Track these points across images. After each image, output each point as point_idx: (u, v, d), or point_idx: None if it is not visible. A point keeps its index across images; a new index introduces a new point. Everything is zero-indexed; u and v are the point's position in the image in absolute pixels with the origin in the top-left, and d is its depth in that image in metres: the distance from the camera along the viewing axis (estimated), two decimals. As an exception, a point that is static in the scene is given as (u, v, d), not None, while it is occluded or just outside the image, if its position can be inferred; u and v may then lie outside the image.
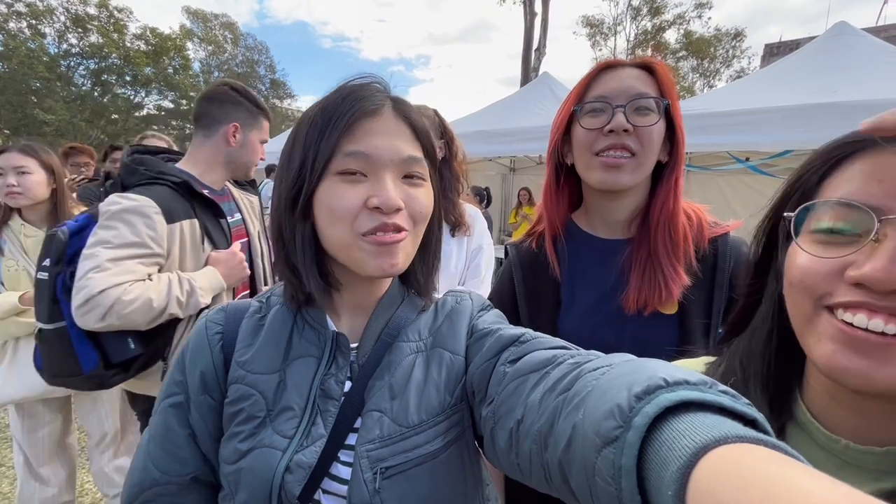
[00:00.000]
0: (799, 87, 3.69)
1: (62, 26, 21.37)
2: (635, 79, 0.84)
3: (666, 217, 0.86)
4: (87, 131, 20.95)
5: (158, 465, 0.60)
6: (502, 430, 0.48)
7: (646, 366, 0.36)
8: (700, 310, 0.86)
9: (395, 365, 0.60)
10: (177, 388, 0.62)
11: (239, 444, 0.56)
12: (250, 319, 0.64)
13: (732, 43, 24.58)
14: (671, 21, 24.24)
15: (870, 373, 0.39)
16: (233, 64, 30.69)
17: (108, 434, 2.03)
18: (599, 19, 25.20)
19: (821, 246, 0.44)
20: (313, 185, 0.54)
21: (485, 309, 0.69)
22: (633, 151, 0.83)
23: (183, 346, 0.64)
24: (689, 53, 24.58)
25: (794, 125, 3.25)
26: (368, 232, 0.53)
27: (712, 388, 0.32)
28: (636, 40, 24.70)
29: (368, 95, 0.54)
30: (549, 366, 0.47)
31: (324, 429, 0.56)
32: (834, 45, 4.06)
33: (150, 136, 3.00)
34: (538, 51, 17.14)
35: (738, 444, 0.25)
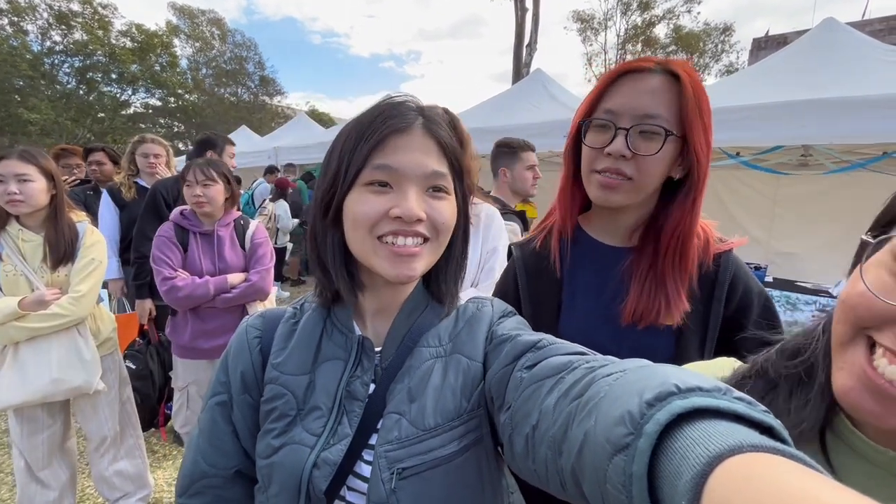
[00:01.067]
0: (789, 83, 3.74)
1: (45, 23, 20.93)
2: (651, 94, 0.79)
3: (678, 239, 0.85)
4: (74, 130, 20.58)
5: (207, 458, 0.66)
6: (519, 436, 0.49)
7: (658, 371, 0.35)
8: (697, 322, 0.86)
9: (415, 369, 0.63)
10: (221, 388, 0.68)
11: (272, 440, 0.61)
12: (285, 324, 0.69)
13: (721, 38, 24.77)
14: (661, 16, 24.36)
15: (883, 416, 0.40)
16: (221, 61, 30.25)
17: (108, 438, 2.03)
18: (590, 14, 25.26)
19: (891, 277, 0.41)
20: (344, 193, 0.59)
21: (506, 316, 0.70)
22: (628, 177, 0.81)
23: (226, 349, 0.70)
24: (678, 48, 24.71)
25: (785, 121, 3.30)
26: (385, 234, 0.57)
27: (726, 394, 0.31)
28: (626, 35, 24.78)
29: (400, 114, 0.58)
30: (564, 371, 0.47)
31: (349, 428, 0.60)
32: (822, 41, 4.11)
33: (150, 142, 2.96)
34: (529, 46, 17.13)
35: (754, 454, 0.25)
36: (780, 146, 3.73)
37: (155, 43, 23.71)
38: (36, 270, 1.76)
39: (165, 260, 1.96)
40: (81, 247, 1.84)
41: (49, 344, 1.76)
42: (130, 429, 2.15)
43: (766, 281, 3.62)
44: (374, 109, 0.60)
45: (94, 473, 2.08)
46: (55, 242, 1.78)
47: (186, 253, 2.01)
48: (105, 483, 2.06)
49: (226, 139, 2.95)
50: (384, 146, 0.57)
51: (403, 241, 0.57)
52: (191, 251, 2.01)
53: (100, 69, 22.71)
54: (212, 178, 1.96)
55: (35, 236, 1.78)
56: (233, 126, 17.63)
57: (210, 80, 29.83)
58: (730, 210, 5.17)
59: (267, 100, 32.22)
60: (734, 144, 3.82)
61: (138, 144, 2.98)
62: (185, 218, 2.04)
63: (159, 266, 1.96)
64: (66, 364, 1.77)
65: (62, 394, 1.80)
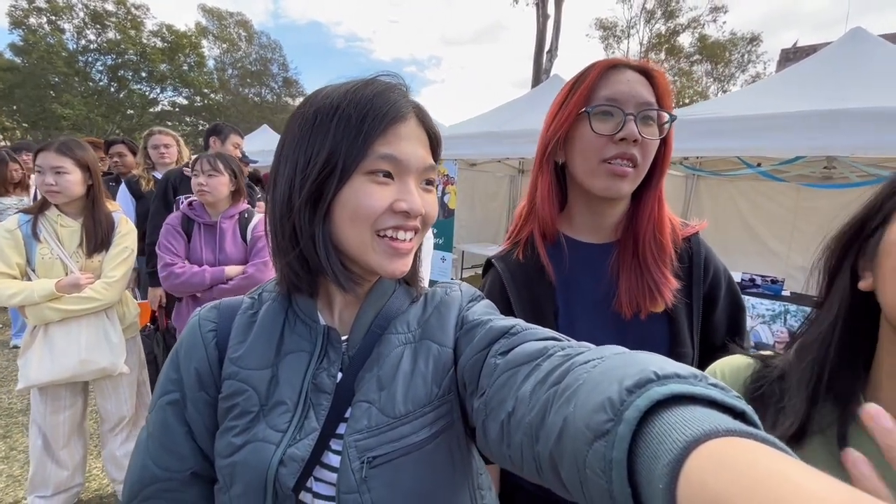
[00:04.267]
0: (812, 92, 3.67)
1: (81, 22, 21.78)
2: (641, 85, 0.83)
3: (653, 223, 0.89)
4: (103, 126, 21.31)
5: (158, 461, 0.61)
6: (493, 422, 0.48)
7: (637, 358, 0.36)
8: (684, 306, 0.90)
9: (384, 357, 0.61)
10: (172, 386, 0.62)
11: (233, 439, 0.58)
12: (242, 316, 0.65)
13: (748, 47, 24.32)
14: (685, 25, 24.06)
15: None
16: (246, 62, 30.98)
17: (126, 418, 2.10)
18: (613, 22, 25.10)
19: None
20: (343, 182, 0.53)
21: (474, 300, 0.69)
22: (636, 163, 0.83)
23: (176, 344, 0.65)
24: (703, 57, 24.37)
25: (807, 131, 3.23)
26: (386, 229, 0.54)
27: (702, 381, 0.32)
28: (650, 43, 24.56)
29: (399, 99, 0.55)
30: (539, 357, 0.47)
31: (316, 422, 0.57)
32: (849, 51, 4.02)
33: (157, 133, 3.09)
34: (550, 53, 17.11)
35: (729, 438, 0.26)
36: (801, 157, 3.66)
37: (184, 43, 24.46)
38: (71, 255, 1.85)
39: (168, 247, 2.05)
40: (116, 235, 1.94)
41: (79, 326, 1.84)
42: (145, 410, 2.22)
43: (782, 295, 3.55)
44: (368, 89, 0.54)
45: (105, 453, 2.14)
46: (93, 230, 1.88)
47: (190, 242, 2.09)
48: (114, 463, 2.13)
49: (231, 129, 2.98)
50: (387, 134, 0.53)
51: (404, 235, 0.56)
52: (193, 241, 2.09)
53: (131, 67, 23.51)
54: (217, 168, 2.03)
55: (73, 222, 1.87)
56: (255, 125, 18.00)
57: (235, 80, 30.59)
58: (748, 222, 5.09)
59: (290, 101, 32.82)
60: (755, 154, 3.77)
61: (148, 138, 3.12)
62: (192, 209, 2.12)
63: (162, 252, 2.05)
64: (94, 346, 1.85)
65: (89, 374, 1.88)
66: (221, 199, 2.08)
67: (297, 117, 0.57)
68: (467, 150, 5.30)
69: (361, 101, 0.53)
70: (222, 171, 2.04)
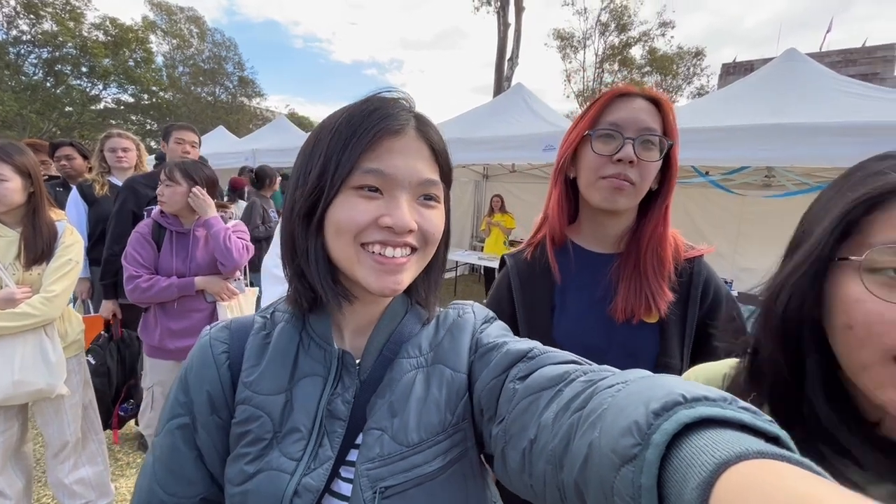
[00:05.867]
0: (754, 107, 3.95)
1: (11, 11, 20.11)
2: (645, 112, 0.91)
3: (656, 240, 0.96)
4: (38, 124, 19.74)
5: (166, 487, 0.59)
6: (514, 451, 0.47)
7: (662, 382, 0.35)
8: (677, 321, 0.95)
9: (396, 382, 0.59)
10: (182, 410, 0.60)
11: (245, 466, 0.56)
12: (255, 337, 0.63)
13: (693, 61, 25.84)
14: (637, 38, 25.25)
15: None
16: (199, 60, 29.62)
17: (70, 443, 1.94)
18: (570, 33, 25.96)
19: (886, 289, 0.43)
20: (331, 196, 0.53)
21: (488, 321, 0.68)
22: (633, 182, 0.90)
23: (185, 365, 0.63)
24: (653, 69, 25.64)
25: (750, 143, 3.48)
26: (372, 243, 0.53)
27: (732, 404, 0.31)
28: (604, 55, 25.57)
29: (394, 113, 0.54)
30: (561, 383, 0.46)
31: (331, 450, 0.56)
32: (785, 69, 4.36)
33: (116, 136, 2.89)
34: (511, 61, 17.48)
35: (760, 460, 0.25)
36: (745, 167, 3.92)
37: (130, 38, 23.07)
38: (7, 267, 1.70)
39: (136, 257, 1.95)
40: (60, 246, 1.79)
41: (14, 344, 1.68)
42: (92, 433, 2.07)
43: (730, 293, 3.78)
44: (365, 105, 0.55)
45: (51, 481, 1.98)
46: (32, 241, 1.72)
47: (160, 251, 1.98)
48: (65, 491, 1.97)
49: (177, 126, 2.70)
50: (376, 148, 0.53)
51: (392, 252, 0.54)
52: (164, 250, 1.99)
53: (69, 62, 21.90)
54: (174, 178, 1.96)
55: (10, 232, 1.72)
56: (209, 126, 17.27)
57: (187, 78, 29.15)
58: (698, 226, 5.39)
59: (245, 101, 31.70)
60: (703, 163, 4.00)
61: (106, 140, 2.91)
62: (164, 216, 2.03)
63: (128, 263, 1.95)
64: (29, 365, 1.70)
65: (23, 396, 1.72)
66: (179, 209, 1.98)
67: (308, 138, 0.59)
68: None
69: (355, 117, 0.54)
70: (179, 181, 1.95)
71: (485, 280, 7.54)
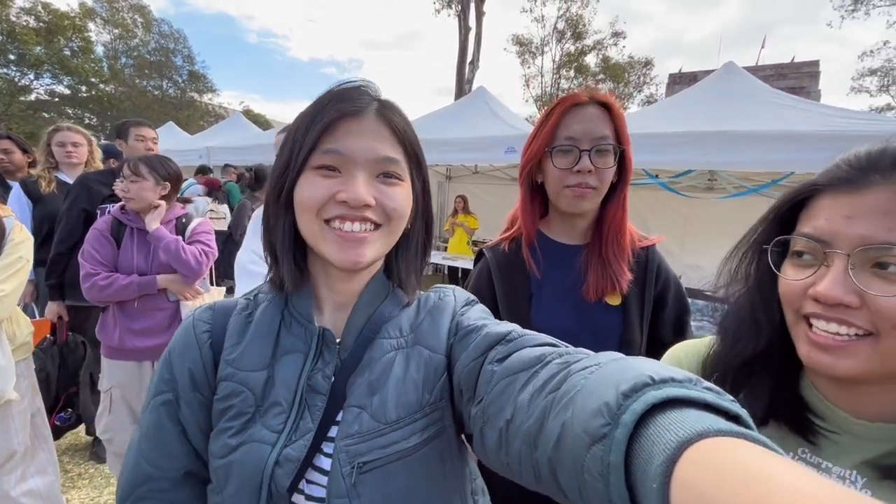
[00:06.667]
0: (697, 115, 4.27)
1: (-74, -10, 18.22)
2: (597, 120, 1.00)
3: (615, 227, 1.08)
4: (-42, 115, 17.98)
5: (151, 461, 0.61)
6: (492, 430, 0.49)
7: (633, 364, 0.37)
8: (636, 302, 1.09)
9: (376, 361, 0.62)
10: (165, 386, 0.63)
11: (229, 440, 0.58)
12: (238, 317, 0.65)
13: (643, 70, 27.25)
14: (591, 46, 26.29)
15: (833, 365, 0.53)
16: (144, 51, 27.95)
17: (18, 453, 1.82)
18: (528, 39, 26.64)
19: (795, 268, 0.58)
20: (294, 177, 0.58)
21: (469, 304, 0.71)
22: (593, 187, 1.01)
23: (170, 345, 0.65)
24: (607, 77, 26.77)
25: (695, 148, 3.76)
26: (332, 218, 0.57)
27: (697, 384, 0.33)
28: (561, 61, 26.42)
29: (353, 97, 0.58)
30: (537, 364, 0.47)
31: (311, 423, 0.58)
32: (724, 81, 4.73)
33: (65, 130, 2.73)
34: (472, 64, 17.71)
35: (719, 438, 0.26)
36: (690, 170, 4.22)
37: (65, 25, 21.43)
38: None
39: (94, 255, 1.87)
40: (8, 243, 1.68)
41: (-42, 346, 1.57)
42: (42, 442, 1.95)
43: (679, 289, 4.06)
44: (329, 93, 0.59)
45: (-4, 494, 1.85)
46: None
47: (120, 248, 1.90)
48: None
49: (134, 122, 2.58)
50: (334, 130, 0.57)
51: (350, 226, 0.57)
52: (124, 247, 1.91)
53: (-6, 48, 20.10)
54: (139, 173, 1.89)
55: None
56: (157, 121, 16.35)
57: (130, 70, 27.43)
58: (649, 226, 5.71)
59: (196, 96, 30.16)
60: (653, 166, 4.27)
61: (54, 133, 2.72)
62: (124, 213, 1.95)
63: (85, 261, 1.86)
64: (-25, 369, 1.59)
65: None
66: (147, 205, 1.91)
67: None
68: (396, 156, 5.32)
69: (320, 103, 0.58)
70: (145, 176, 1.89)
71: (448, 279, 7.61)
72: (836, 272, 0.52)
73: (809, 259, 0.56)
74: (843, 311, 0.52)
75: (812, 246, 0.55)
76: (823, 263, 0.54)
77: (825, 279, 0.53)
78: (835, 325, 0.53)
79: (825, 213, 0.55)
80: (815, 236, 0.55)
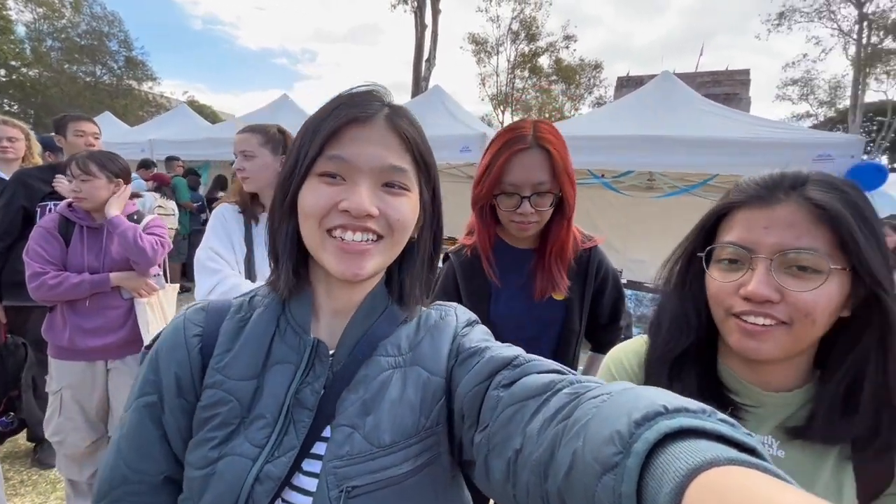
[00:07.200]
0: (638, 120, 4.60)
1: None
2: (537, 166, 1.14)
3: (559, 244, 1.26)
4: None
5: (130, 463, 0.58)
6: (498, 459, 0.47)
7: (645, 393, 0.36)
8: (577, 297, 1.31)
9: (371, 379, 0.59)
10: (150, 388, 0.60)
11: (209, 452, 0.55)
12: (231, 321, 0.63)
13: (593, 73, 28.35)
14: (545, 48, 27.02)
15: (758, 349, 0.64)
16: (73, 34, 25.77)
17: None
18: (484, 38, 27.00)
19: (723, 272, 0.68)
20: (298, 183, 0.57)
21: (470, 325, 0.68)
22: (535, 221, 1.20)
23: (157, 344, 0.63)
24: (559, 78, 27.65)
25: (634, 151, 4.09)
26: (333, 227, 0.55)
27: (711, 416, 0.33)
28: (516, 61, 26.99)
29: (362, 103, 0.56)
30: (547, 392, 0.46)
31: (296, 439, 0.55)
32: (662, 89, 5.12)
33: (1, 123, 2.58)
34: (428, 62, 17.79)
35: (730, 467, 0.26)
36: (631, 171, 4.56)
37: (-20, 1, 19.47)
38: None
39: (41, 253, 1.81)
40: None
41: None
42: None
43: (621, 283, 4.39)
44: (336, 98, 0.58)
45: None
46: None
47: (69, 247, 1.86)
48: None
49: (73, 117, 2.44)
50: (341, 136, 0.55)
51: (352, 236, 0.55)
52: (73, 245, 1.86)
53: None
54: (90, 171, 1.84)
55: None
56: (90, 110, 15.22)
57: (58, 54, 25.24)
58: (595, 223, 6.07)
59: (134, 84, 28.21)
60: (598, 167, 4.57)
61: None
62: (73, 210, 1.89)
63: (31, 260, 1.80)
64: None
65: None
66: (101, 204, 1.88)
67: None
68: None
69: (328, 108, 0.57)
70: (96, 174, 1.85)
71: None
72: (761, 274, 0.62)
73: (735, 265, 0.67)
74: (768, 307, 0.62)
75: (740, 252, 0.66)
76: (749, 267, 0.64)
77: (753, 280, 0.63)
78: (761, 318, 0.63)
79: (744, 224, 0.66)
80: (741, 244, 0.65)
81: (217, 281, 1.44)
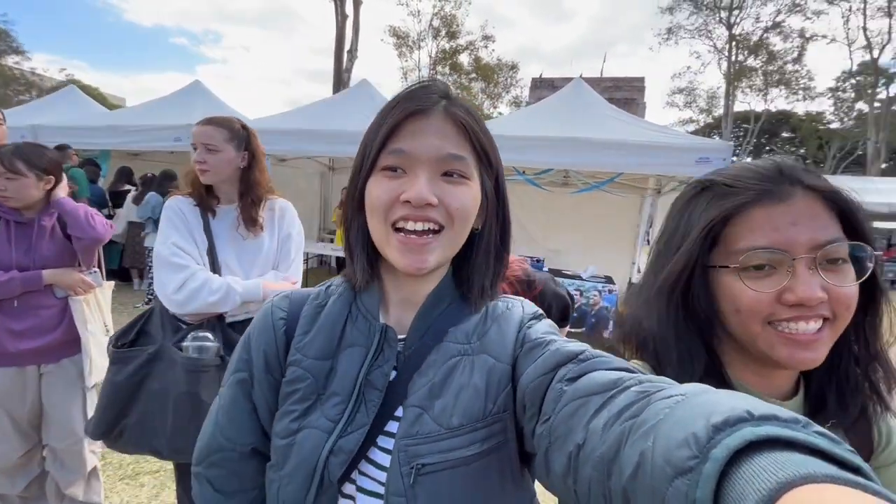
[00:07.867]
0: (554, 122, 5.11)
1: None
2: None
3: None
4: None
5: (224, 432, 0.66)
6: (559, 453, 0.46)
7: (725, 397, 0.34)
8: None
9: (440, 364, 0.61)
10: (242, 366, 0.67)
11: (290, 423, 0.61)
12: (310, 305, 0.68)
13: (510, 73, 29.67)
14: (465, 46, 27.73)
15: (814, 359, 0.57)
16: None
17: None
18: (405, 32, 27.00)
19: (754, 280, 0.58)
20: (365, 178, 0.60)
21: (536, 318, 0.68)
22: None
23: (249, 328, 0.70)
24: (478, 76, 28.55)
25: (550, 151, 4.57)
26: (397, 220, 0.57)
27: (806, 427, 0.29)
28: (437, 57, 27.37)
29: (420, 96, 0.58)
30: (613, 389, 0.44)
31: (367, 417, 0.59)
32: (574, 94, 5.72)
33: None
34: (350, 53, 17.44)
35: (828, 485, 0.23)
36: (549, 169, 5.06)
37: None
38: None
39: None
40: None
41: None
42: None
43: (542, 270, 4.85)
44: (396, 96, 0.60)
45: None
46: None
47: (-6, 244, 1.72)
48: None
49: None
50: (401, 130, 0.57)
51: (413, 225, 0.56)
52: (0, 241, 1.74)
53: None
54: (16, 170, 1.72)
55: None
56: (-60, 87, 12.73)
57: None
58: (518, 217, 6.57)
59: (-3, 58, 24.13)
60: (519, 165, 5.01)
61: None
62: None
63: None
64: None
65: None
66: (32, 202, 1.76)
67: None
68: (279, 146, 5.25)
69: (389, 105, 0.60)
70: (24, 173, 1.72)
71: (337, 271, 7.65)
72: (805, 275, 0.55)
73: (763, 270, 0.58)
74: (819, 308, 0.56)
75: (777, 257, 0.57)
76: (787, 270, 0.56)
77: (799, 284, 0.55)
78: (813, 323, 0.56)
79: (767, 224, 0.58)
80: (776, 247, 0.57)
81: (186, 277, 1.46)
